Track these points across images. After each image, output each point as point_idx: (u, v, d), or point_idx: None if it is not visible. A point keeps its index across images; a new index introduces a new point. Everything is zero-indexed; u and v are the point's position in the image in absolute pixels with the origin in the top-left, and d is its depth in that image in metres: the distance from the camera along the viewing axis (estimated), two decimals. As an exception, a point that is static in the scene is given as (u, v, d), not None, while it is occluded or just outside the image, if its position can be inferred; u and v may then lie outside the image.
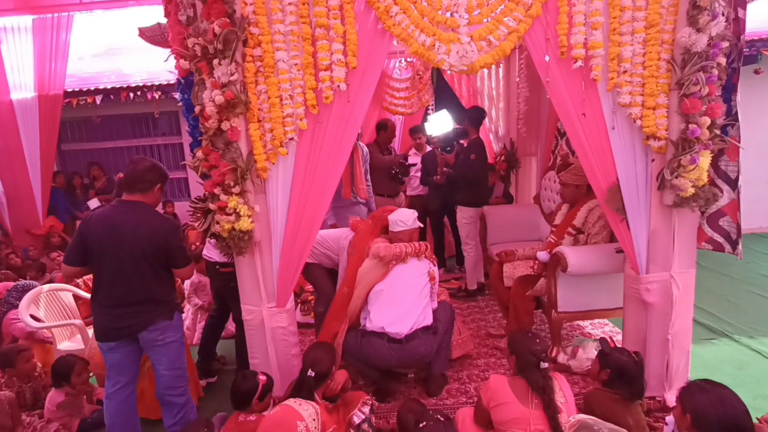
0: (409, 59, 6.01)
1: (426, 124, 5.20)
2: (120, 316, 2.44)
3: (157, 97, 6.44)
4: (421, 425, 2.14)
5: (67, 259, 2.49)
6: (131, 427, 2.60)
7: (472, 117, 4.50)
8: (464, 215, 4.49)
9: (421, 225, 3.30)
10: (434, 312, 2.96)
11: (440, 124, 4.88)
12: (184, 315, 4.03)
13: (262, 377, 2.46)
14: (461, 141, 5.05)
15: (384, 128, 5.05)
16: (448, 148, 5.27)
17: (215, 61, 2.29)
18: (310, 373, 2.30)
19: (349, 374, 2.64)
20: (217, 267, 3.18)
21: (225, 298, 3.31)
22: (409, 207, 4.26)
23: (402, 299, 2.86)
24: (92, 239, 2.41)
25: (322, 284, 3.45)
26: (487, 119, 5.64)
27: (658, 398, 2.79)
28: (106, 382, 2.57)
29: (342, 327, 2.95)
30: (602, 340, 2.51)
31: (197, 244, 4.21)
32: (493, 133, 5.64)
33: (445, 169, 4.62)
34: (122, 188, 2.53)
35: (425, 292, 2.94)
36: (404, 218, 3.09)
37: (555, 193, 4.20)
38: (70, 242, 2.69)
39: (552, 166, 4.47)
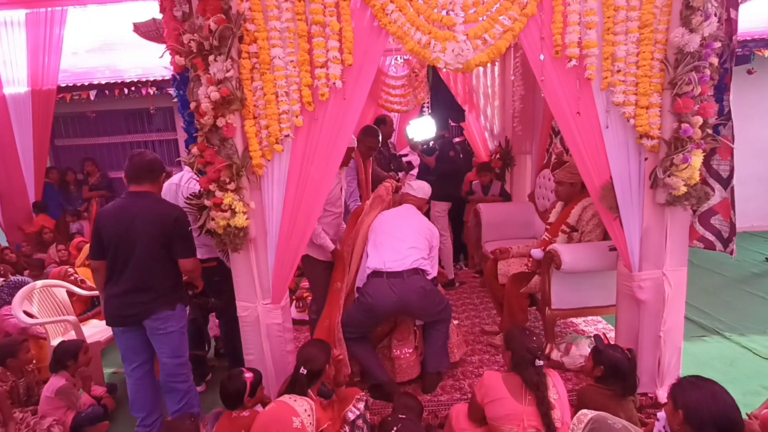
0: (405, 57, 6.01)
1: (408, 128, 5.31)
2: (126, 304, 2.56)
3: (151, 92, 6.43)
4: (394, 430, 2.14)
5: (90, 254, 2.65)
6: (151, 400, 2.74)
7: (440, 121, 4.90)
8: (437, 209, 4.74)
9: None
10: (434, 296, 2.94)
11: (423, 129, 5.09)
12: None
13: (248, 375, 2.40)
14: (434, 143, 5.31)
15: (383, 123, 5.06)
16: (427, 147, 5.38)
17: (211, 58, 2.29)
18: (302, 370, 2.31)
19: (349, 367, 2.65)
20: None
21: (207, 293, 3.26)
22: None
23: (400, 236, 2.89)
24: (105, 232, 2.55)
25: (319, 287, 3.34)
26: (482, 117, 5.67)
27: (649, 394, 2.82)
28: (123, 363, 2.73)
29: (339, 303, 2.98)
30: (596, 337, 2.53)
31: None
32: (488, 131, 5.66)
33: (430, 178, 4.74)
34: (129, 180, 2.60)
35: (425, 235, 2.97)
36: (422, 185, 3.26)
37: (549, 190, 4.22)
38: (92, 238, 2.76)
39: (547, 164, 4.50)
